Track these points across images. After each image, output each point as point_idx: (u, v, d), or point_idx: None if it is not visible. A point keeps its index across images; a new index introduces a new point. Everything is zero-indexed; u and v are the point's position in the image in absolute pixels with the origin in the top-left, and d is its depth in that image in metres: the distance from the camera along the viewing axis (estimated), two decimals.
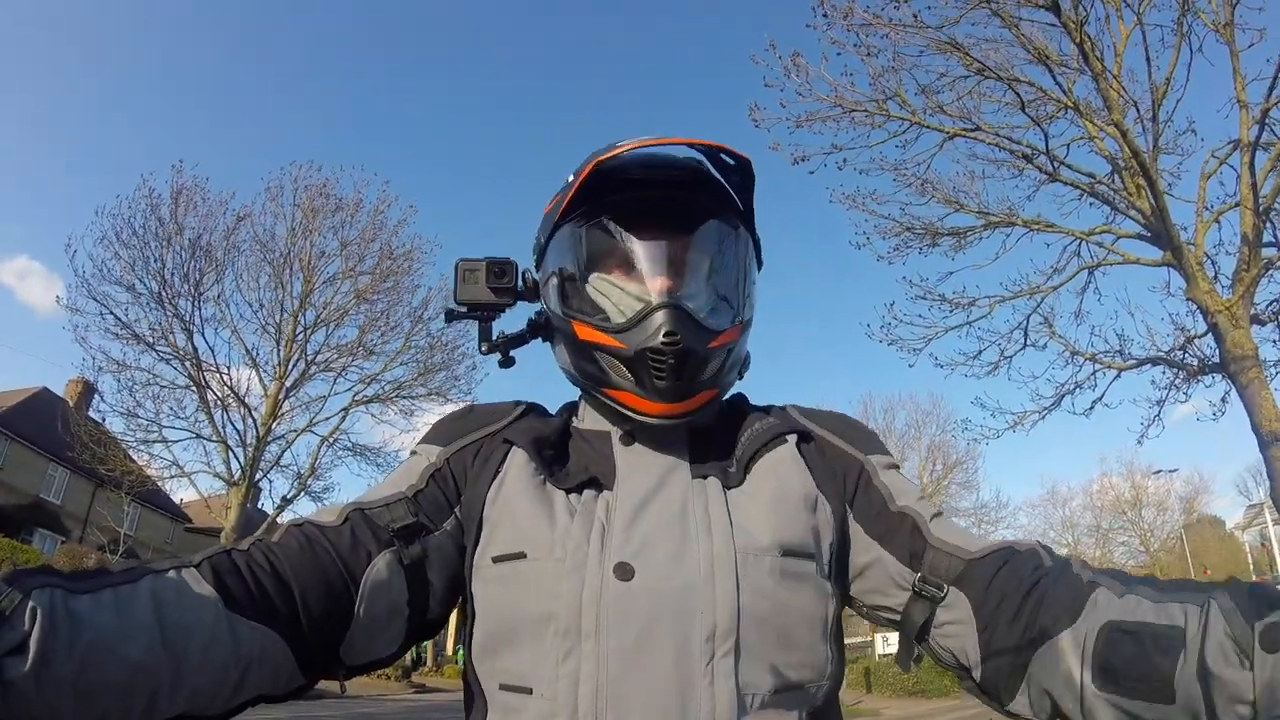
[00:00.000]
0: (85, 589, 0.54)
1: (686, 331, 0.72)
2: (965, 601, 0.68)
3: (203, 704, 0.59)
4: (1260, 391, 7.21)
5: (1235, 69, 7.61)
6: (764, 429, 0.79)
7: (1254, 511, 34.55)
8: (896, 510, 0.75)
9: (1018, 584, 0.66)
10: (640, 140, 0.76)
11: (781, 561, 0.68)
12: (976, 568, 0.69)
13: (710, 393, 0.77)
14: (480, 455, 0.79)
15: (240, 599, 0.61)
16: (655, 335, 0.71)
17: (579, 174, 0.76)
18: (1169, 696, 0.53)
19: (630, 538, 0.68)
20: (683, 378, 0.73)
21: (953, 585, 0.70)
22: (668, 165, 0.81)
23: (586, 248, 0.79)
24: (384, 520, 0.72)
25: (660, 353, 0.71)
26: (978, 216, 9.46)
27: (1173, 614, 0.55)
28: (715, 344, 0.75)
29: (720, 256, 0.79)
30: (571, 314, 0.78)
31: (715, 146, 0.76)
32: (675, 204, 0.78)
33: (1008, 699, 0.66)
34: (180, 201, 14.74)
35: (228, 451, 14.89)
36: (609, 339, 0.74)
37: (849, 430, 0.82)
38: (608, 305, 0.76)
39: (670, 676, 0.62)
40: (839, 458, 0.79)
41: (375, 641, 0.71)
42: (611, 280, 0.77)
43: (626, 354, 0.73)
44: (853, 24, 7.98)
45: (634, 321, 0.73)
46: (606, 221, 0.77)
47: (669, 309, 0.72)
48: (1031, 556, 0.69)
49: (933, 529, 0.73)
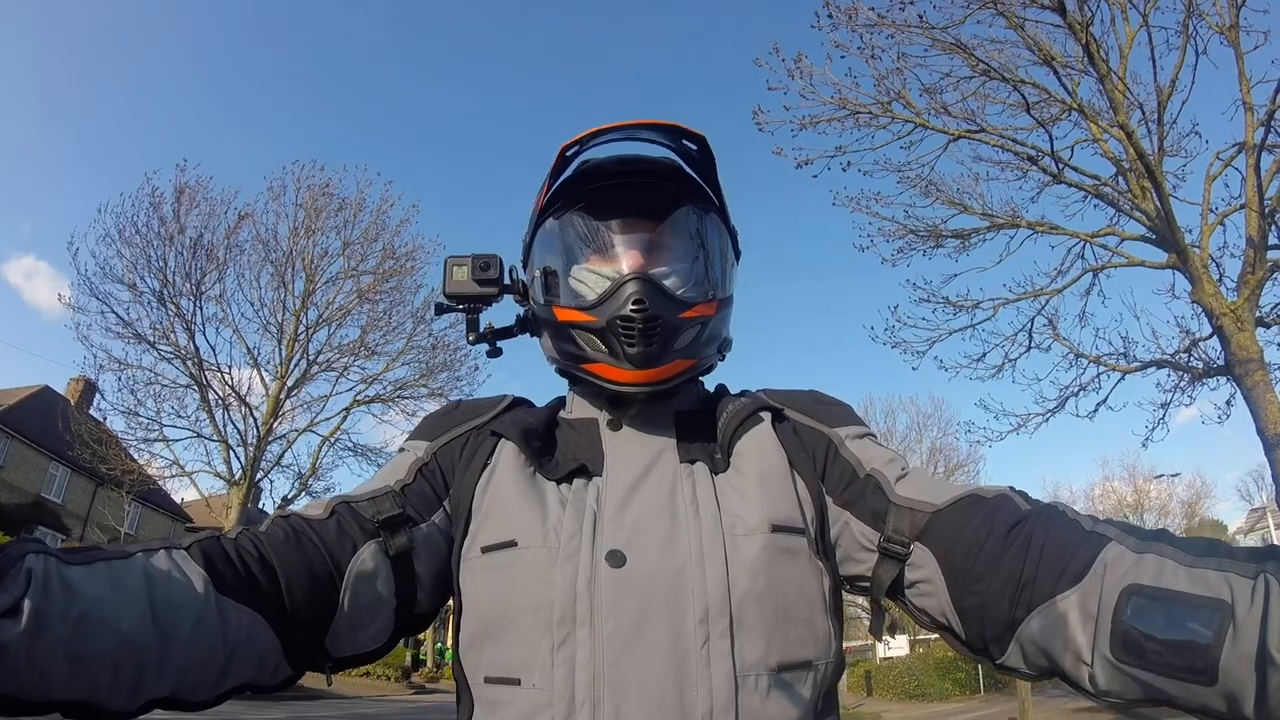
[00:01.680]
0: (78, 560, 0.54)
1: (654, 299, 0.73)
2: (931, 557, 0.66)
3: (190, 685, 0.59)
4: (1265, 395, 7.17)
5: (1240, 71, 7.60)
6: (739, 409, 0.79)
7: (1256, 515, 34.51)
8: (863, 475, 0.74)
9: (989, 532, 0.63)
10: (600, 125, 0.77)
11: (772, 538, 0.68)
12: (940, 519, 0.67)
13: (685, 363, 0.78)
14: (468, 448, 0.80)
15: (230, 581, 0.62)
16: (625, 304, 0.73)
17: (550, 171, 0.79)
18: (1209, 678, 0.48)
19: (621, 524, 0.69)
20: (652, 343, 0.74)
21: (918, 541, 0.67)
22: (640, 160, 0.84)
23: (564, 240, 0.82)
24: (369, 513, 0.72)
25: (629, 319, 0.73)
26: (982, 218, 9.46)
27: (1213, 584, 0.50)
28: (687, 314, 0.76)
29: (692, 239, 0.82)
30: (551, 300, 0.80)
31: (672, 126, 0.78)
32: (648, 194, 0.82)
33: (998, 653, 0.63)
34: (183, 200, 14.77)
35: (228, 451, 14.92)
36: (584, 315, 0.76)
37: (817, 407, 0.82)
38: (583, 289, 0.79)
39: (666, 661, 0.62)
40: (809, 435, 0.79)
41: (361, 634, 0.71)
42: (588, 267, 0.79)
43: (599, 325, 0.75)
44: (857, 25, 7.99)
45: (606, 295, 0.75)
46: (582, 213, 0.81)
47: (637, 279, 0.74)
48: (1003, 501, 0.65)
49: (896, 488, 0.71)
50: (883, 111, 8.40)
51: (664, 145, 0.82)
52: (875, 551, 0.70)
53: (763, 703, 0.63)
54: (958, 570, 0.64)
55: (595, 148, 0.79)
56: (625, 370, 0.75)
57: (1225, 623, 0.48)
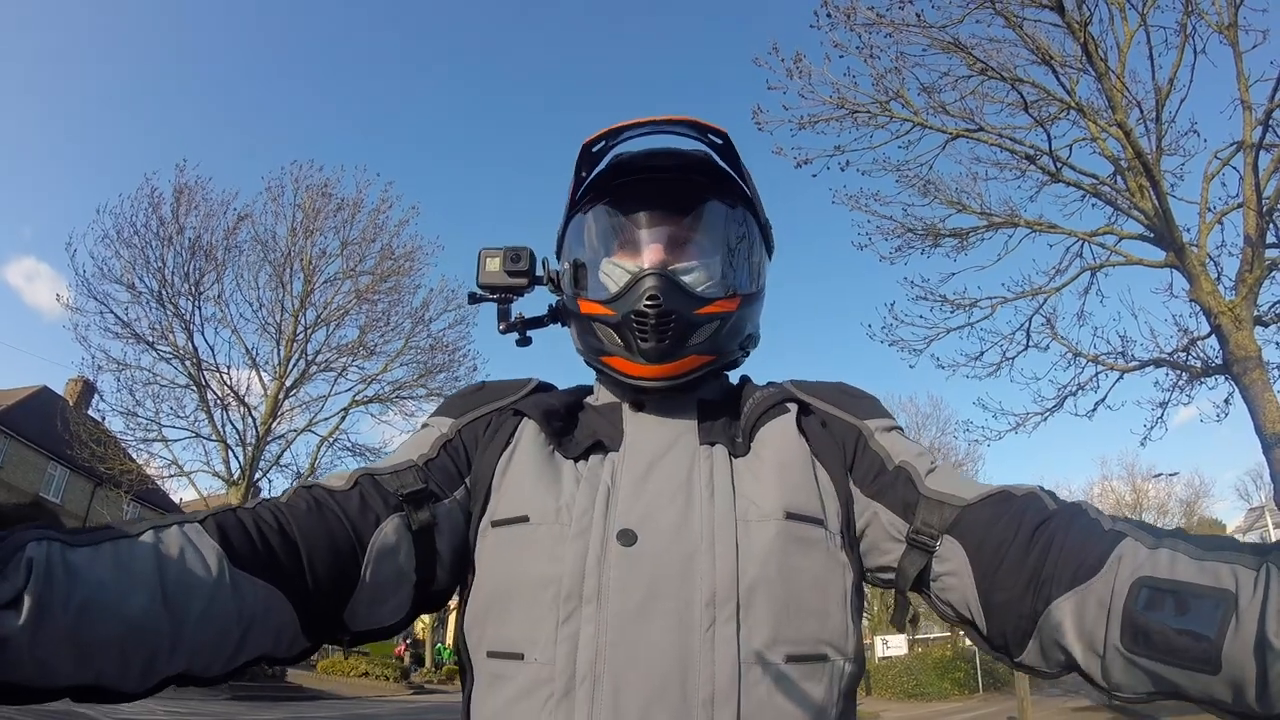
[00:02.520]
0: (84, 542, 0.53)
1: (670, 295, 0.74)
2: (960, 551, 0.66)
3: (204, 662, 0.58)
4: (1264, 393, 7.17)
5: (1239, 70, 7.60)
6: (763, 398, 0.80)
7: (1255, 515, 34.55)
8: (893, 467, 0.74)
9: (1017, 529, 0.63)
10: (622, 122, 0.78)
11: (786, 525, 0.67)
12: (970, 514, 0.67)
13: (703, 359, 0.78)
14: (491, 426, 0.81)
15: (246, 555, 0.60)
16: (640, 300, 0.74)
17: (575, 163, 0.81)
18: (1213, 666, 0.49)
19: (635, 503, 0.69)
20: (665, 339, 0.74)
21: (947, 534, 0.67)
22: (670, 154, 0.84)
23: (594, 233, 0.83)
24: (393, 486, 0.72)
25: (643, 314, 0.74)
26: (980, 217, 9.47)
27: (1220, 575, 0.50)
28: (704, 310, 0.76)
29: (718, 233, 0.82)
30: (579, 293, 0.81)
31: (691, 121, 0.78)
32: (675, 188, 0.82)
33: (1016, 651, 0.63)
34: (182, 200, 14.73)
35: (227, 451, 14.90)
36: (603, 309, 0.78)
37: (845, 399, 0.82)
38: (607, 281, 0.80)
39: (671, 642, 0.62)
40: (838, 427, 0.79)
41: (381, 608, 0.70)
42: (615, 261, 0.81)
43: (615, 319, 0.76)
44: (855, 24, 7.99)
45: (624, 290, 0.76)
46: (609, 207, 0.82)
47: (654, 275, 0.74)
48: (1031, 500, 0.66)
49: (927, 480, 0.71)
50: (881, 111, 8.40)
51: (695, 139, 0.82)
52: (903, 542, 0.70)
53: (770, 693, 0.62)
54: (986, 565, 0.64)
55: (625, 141, 0.81)
56: (640, 364, 0.76)
57: (1229, 612, 0.49)
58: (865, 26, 7.96)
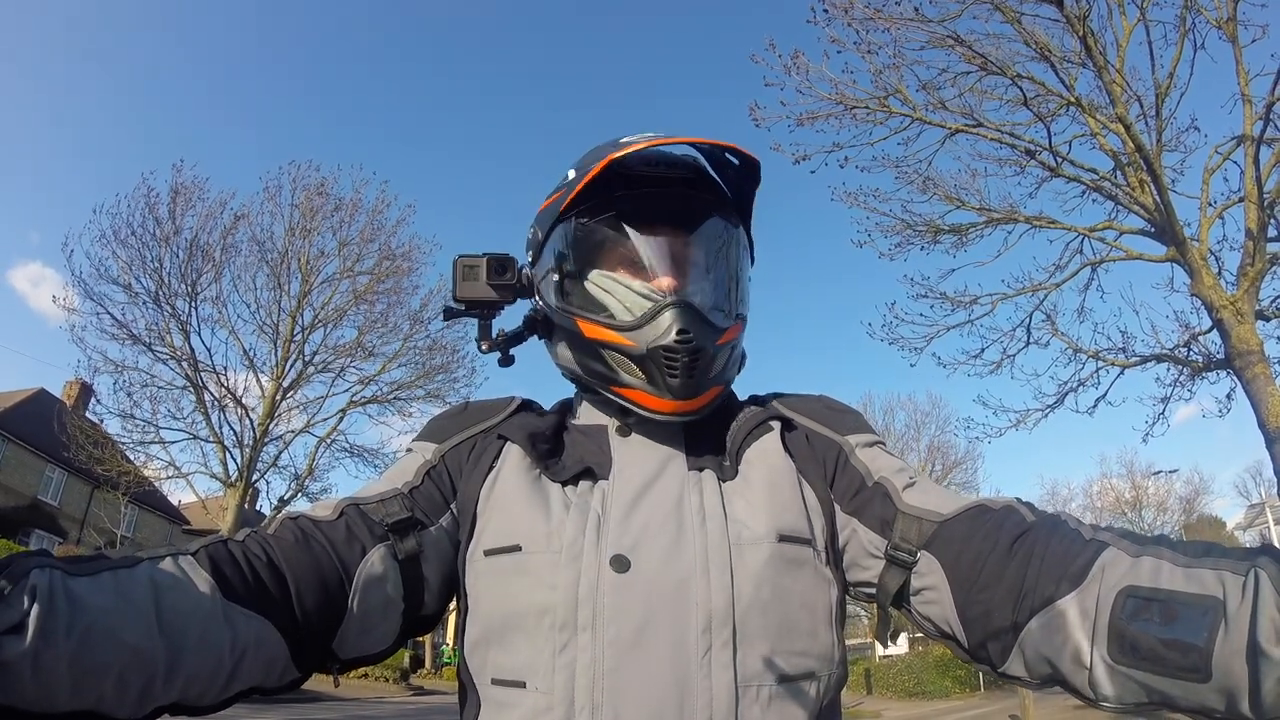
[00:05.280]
0: (84, 571, 0.54)
1: (697, 329, 0.72)
2: (938, 566, 0.66)
3: (197, 691, 0.59)
4: (1266, 388, 7.16)
5: (1238, 63, 7.58)
6: (748, 418, 0.79)
7: (1255, 511, 34.53)
8: (872, 484, 0.74)
9: (995, 543, 0.63)
10: (650, 138, 0.75)
11: (778, 548, 0.67)
12: (947, 529, 0.67)
13: (718, 389, 0.78)
14: (475, 451, 0.79)
15: (236, 588, 0.61)
16: (667, 334, 0.71)
17: (583, 170, 0.75)
18: (1203, 674, 0.48)
19: (627, 530, 0.68)
20: (694, 375, 0.73)
21: (924, 549, 0.67)
22: (670, 163, 0.80)
23: (590, 244, 0.78)
24: (379, 515, 0.72)
25: (674, 351, 0.71)
26: (979, 213, 9.43)
27: (1206, 582, 0.50)
28: (721, 340, 0.75)
29: (721, 253, 0.80)
30: (573, 311, 0.77)
31: (725, 146, 0.76)
32: (678, 201, 0.78)
33: (1000, 661, 0.63)
34: (179, 201, 14.68)
35: (225, 452, 14.82)
36: (618, 337, 0.74)
37: (828, 414, 0.82)
38: (612, 303, 0.76)
39: (667, 669, 0.62)
40: (820, 443, 0.79)
41: (369, 636, 0.71)
42: (615, 277, 0.76)
43: (638, 352, 0.73)
44: (853, 19, 7.95)
45: (644, 320, 0.73)
46: (611, 218, 0.77)
47: (679, 307, 0.72)
48: (1009, 512, 0.66)
49: (905, 496, 0.71)
50: (880, 107, 8.36)
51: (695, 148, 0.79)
52: (882, 559, 0.70)
53: (763, 713, 0.63)
54: (963, 579, 0.64)
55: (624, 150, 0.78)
56: (665, 400, 0.73)
57: (1217, 619, 0.48)
58: (863, 22, 7.93)
